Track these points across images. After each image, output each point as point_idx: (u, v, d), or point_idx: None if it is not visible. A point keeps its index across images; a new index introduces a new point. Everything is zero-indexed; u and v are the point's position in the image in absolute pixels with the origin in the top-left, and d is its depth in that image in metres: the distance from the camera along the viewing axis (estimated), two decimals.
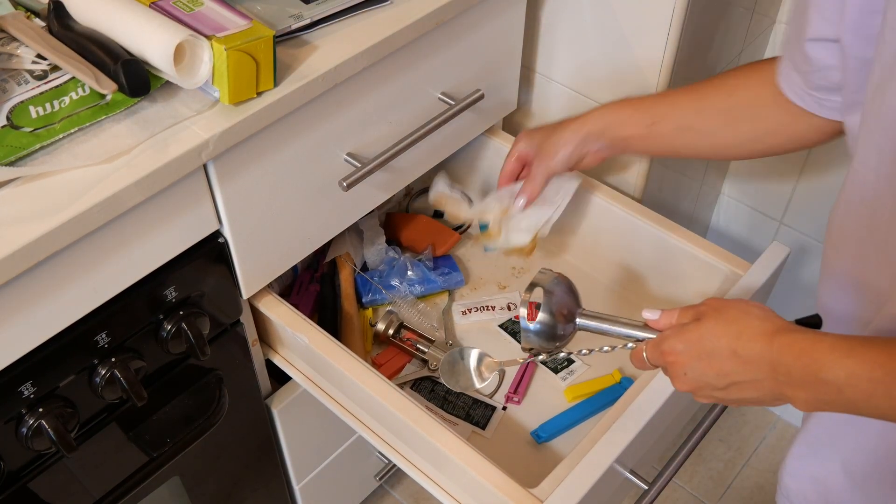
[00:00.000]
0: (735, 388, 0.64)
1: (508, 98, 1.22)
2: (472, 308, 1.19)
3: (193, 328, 0.90)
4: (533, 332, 0.82)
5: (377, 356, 1.14)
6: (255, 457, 1.16)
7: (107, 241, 0.77)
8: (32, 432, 0.81)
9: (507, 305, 1.20)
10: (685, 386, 0.68)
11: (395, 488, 1.61)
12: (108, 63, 0.75)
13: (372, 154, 0.99)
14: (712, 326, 0.65)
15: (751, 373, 0.62)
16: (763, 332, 0.62)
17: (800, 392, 0.60)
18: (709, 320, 0.66)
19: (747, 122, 0.85)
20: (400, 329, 1.14)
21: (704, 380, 0.66)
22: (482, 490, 0.86)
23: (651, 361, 0.72)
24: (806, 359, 0.58)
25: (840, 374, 0.56)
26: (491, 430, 1.06)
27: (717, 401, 0.67)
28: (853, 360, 0.56)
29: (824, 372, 0.57)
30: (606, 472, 0.84)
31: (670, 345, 0.68)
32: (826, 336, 0.59)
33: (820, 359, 0.57)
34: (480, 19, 1.05)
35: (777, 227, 1.50)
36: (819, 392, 0.59)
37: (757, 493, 1.62)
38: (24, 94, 0.74)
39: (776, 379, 0.61)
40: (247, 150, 0.85)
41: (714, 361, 0.64)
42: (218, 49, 0.76)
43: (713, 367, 0.64)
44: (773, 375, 0.61)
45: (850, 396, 0.57)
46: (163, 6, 0.81)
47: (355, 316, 1.16)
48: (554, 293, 0.82)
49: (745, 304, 0.66)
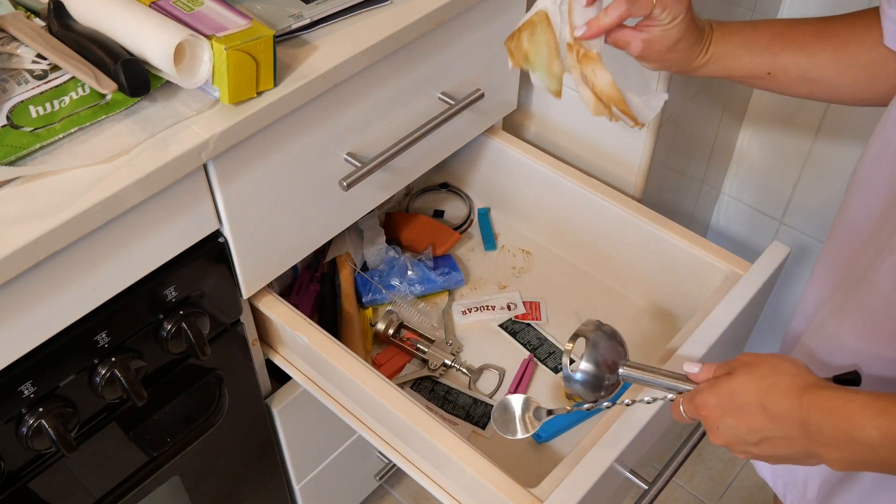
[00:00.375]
0: (767, 443, 0.63)
1: (508, 98, 1.22)
2: (472, 308, 1.19)
3: (193, 328, 0.90)
4: (576, 381, 0.82)
5: (377, 356, 1.14)
6: (255, 457, 1.16)
7: (107, 241, 0.77)
8: (32, 432, 0.81)
9: (507, 305, 1.20)
10: (719, 440, 0.68)
11: (395, 488, 1.61)
12: (108, 63, 0.75)
13: (372, 154, 0.99)
14: (743, 381, 0.64)
15: (781, 430, 0.61)
16: (793, 388, 0.61)
17: (833, 451, 0.59)
18: (740, 374, 0.65)
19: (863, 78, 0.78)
20: (400, 329, 1.14)
21: (737, 434, 0.65)
22: (482, 490, 0.86)
23: (687, 414, 0.72)
24: (837, 417, 0.57)
25: (874, 433, 0.55)
26: (491, 429, 1.06)
27: (754, 457, 0.66)
28: (887, 420, 0.55)
29: (857, 431, 0.56)
30: (606, 472, 0.84)
31: (703, 399, 0.68)
32: (859, 394, 0.57)
33: (851, 417, 0.56)
34: (480, 19, 1.05)
35: (777, 227, 1.50)
36: (852, 452, 0.58)
37: (757, 493, 1.62)
38: (24, 94, 0.74)
39: (807, 437, 0.60)
40: (247, 150, 0.85)
41: (744, 417, 0.64)
42: (218, 49, 0.76)
43: (744, 423, 0.64)
44: (804, 433, 0.60)
45: (884, 456, 0.56)
46: (163, 6, 0.81)
47: (355, 316, 1.16)
48: (598, 345, 0.82)
49: (778, 358, 0.65)
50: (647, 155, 1.20)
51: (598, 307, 1.20)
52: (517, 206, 1.30)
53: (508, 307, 1.20)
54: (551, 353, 1.14)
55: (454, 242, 1.27)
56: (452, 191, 1.37)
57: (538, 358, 1.14)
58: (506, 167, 1.27)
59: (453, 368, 1.12)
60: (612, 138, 1.22)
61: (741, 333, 1.07)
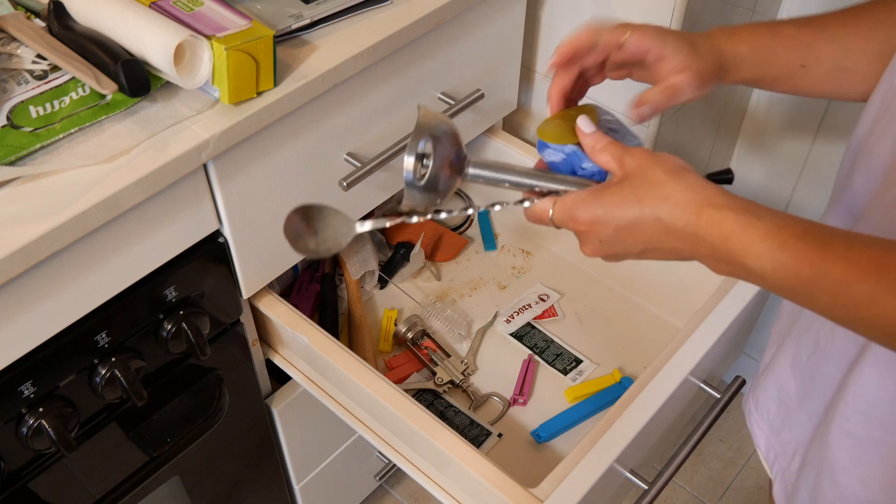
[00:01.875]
0: (651, 252, 0.61)
1: (508, 98, 1.22)
2: (513, 314, 1.19)
3: (193, 328, 0.90)
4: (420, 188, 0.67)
5: (390, 360, 1.14)
6: (255, 457, 1.16)
7: (107, 241, 0.77)
8: (32, 432, 0.81)
9: (539, 297, 1.20)
10: (596, 252, 0.63)
11: (395, 488, 1.61)
12: (108, 63, 0.76)
13: (372, 154, 0.99)
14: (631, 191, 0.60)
15: (671, 242, 0.59)
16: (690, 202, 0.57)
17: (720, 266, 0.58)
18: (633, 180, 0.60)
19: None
20: (422, 335, 1.14)
21: (620, 247, 0.62)
22: (482, 490, 0.86)
23: (557, 223, 0.65)
24: (734, 241, 0.55)
25: (767, 265, 0.54)
26: (483, 452, 1.02)
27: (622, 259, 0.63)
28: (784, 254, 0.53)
29: (751, 259, 0.55)
30: (606, 472, 0.84)
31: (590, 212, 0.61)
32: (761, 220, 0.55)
33: (749, 245, 0.55)
34: (480, 19, 1.05)
35: None
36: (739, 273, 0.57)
37: (757, 494, 1.62)
38: (25, 94, 0.74)
39: (697, 251, 0.58)
40: (247, 150, 0.85)
41: (635, 230, 0.60)
42: (218, 49, 0.76)
43: (633, 236, 0.60)
44: (693, 247, 0.58)
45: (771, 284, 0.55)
46: (163, 6, 0.81)
47: (365, 321, 1.15)
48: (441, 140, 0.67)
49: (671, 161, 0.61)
50: None
51: (598, 307, 1.20)
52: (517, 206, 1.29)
53: (541, 299, 1.20)
54: (559, 355, 1.14)
55: (461, 248, 1.27)
56: None
57: (546, 360, 1.13)
58: None
59: (459, 388, 1.11)
60: None
61: (741, 334, 1.07)
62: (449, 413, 1.08)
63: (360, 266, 1.20)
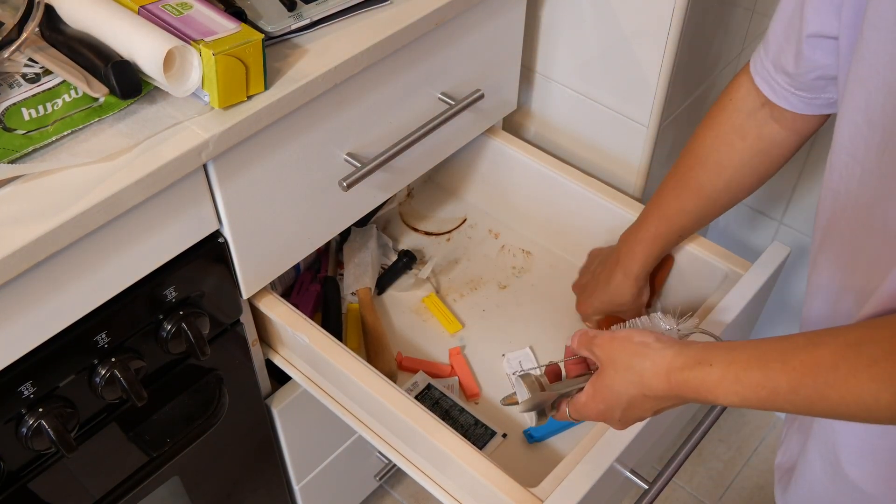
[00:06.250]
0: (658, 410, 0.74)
1: (508, 98, 1.22)
2: None
3: (193, 328, 0.90)
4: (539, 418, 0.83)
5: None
6: (255, 457, 1.16)
7: (107, 241, 0.77)
8: (32, 432, 0.81)
9: None
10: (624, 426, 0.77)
11: (395, 488, 1.61)
12: (99, 66, 0.75)
13: (372, 154, 0.99)
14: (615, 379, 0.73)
15: (664, 402, 0.72)
16: (658, 372, 0.69)
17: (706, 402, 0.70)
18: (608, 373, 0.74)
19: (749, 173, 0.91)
20: None
21: (635, 416, 0.75)
22: (482, 490, 0.86)
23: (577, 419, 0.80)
24: (702, 392, 0.67)
25: (733, 399, 0.64)
26: (488, 452, 1.02)
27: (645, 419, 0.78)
28: (742, 388, 0.63)
29: (720, 399, 0.66)
30: (606, 472, 0.84)
31: (594, 409, 0.76)
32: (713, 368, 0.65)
33: (713, 391, 0.65)
34: (480, 19, 1.05)
35: (777, 227, 1.50)
36: None
37: (757, 494, 1.62)
38: (17, 97, 0.74)
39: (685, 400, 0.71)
40: (247, 150, 0.85)
41: (636, 407, 0.73)
42: (206, 54, 0.76)
43: (636, 410, 0.74)
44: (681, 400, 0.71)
45: (744, 407, 0.72)
46: (152, 10, 0.80)
47: (381, 328, 1.16)
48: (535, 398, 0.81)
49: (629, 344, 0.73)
50: (647, 155, 1.20)
51: None
52: (517, 206, 1.30)
53: None
54: None
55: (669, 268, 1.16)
56: None
57: None
58: (506, 167, 1.27)
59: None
60: (612, 138, 1.22)
61: (741, 334, 1.07)
62: (454, 413, 1.08)
63: (353, 281, 1.20)
